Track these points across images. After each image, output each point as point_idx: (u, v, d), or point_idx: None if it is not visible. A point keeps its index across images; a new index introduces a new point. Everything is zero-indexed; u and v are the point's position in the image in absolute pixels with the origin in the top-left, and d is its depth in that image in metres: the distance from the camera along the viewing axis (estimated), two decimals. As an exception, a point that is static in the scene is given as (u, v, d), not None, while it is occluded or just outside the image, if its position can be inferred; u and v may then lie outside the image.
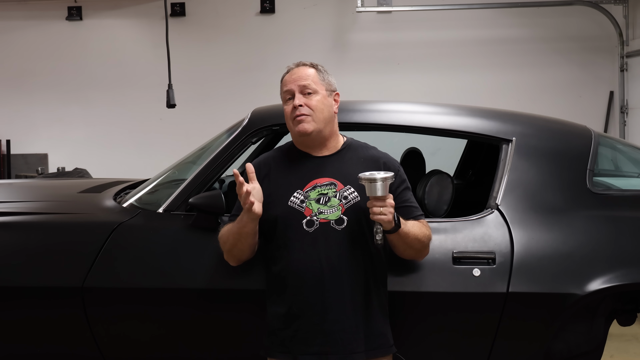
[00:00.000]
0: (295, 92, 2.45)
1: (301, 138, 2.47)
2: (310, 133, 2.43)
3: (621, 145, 3.51)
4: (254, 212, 2.31)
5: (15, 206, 3.17)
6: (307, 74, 2.47)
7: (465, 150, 4.26)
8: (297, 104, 2.42)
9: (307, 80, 2.46)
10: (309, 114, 2.42)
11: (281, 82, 2.52)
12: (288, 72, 2.51)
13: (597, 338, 2.80)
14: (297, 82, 2.46)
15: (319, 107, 2.44)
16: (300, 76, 2.47)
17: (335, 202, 2.40)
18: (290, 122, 2.47)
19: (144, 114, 8.10)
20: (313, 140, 2.47)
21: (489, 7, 7.78)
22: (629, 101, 7.78)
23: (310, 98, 2.44)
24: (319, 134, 2.46)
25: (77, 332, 2.74)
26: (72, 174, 7.02)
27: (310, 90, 2.45)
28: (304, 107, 2.42)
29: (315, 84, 2.46)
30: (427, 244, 2.47)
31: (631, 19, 7.77)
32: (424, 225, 2.46)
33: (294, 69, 2.50)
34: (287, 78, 2.49)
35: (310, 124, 2.42)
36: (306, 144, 2.50)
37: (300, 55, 3.17)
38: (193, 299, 2.68)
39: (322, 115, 2.45)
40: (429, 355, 2.68)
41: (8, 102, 8.28)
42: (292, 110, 2.44)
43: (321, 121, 2.45)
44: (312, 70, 2.49)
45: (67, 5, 8.19)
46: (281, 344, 2.39)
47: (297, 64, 2.53)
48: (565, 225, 2.69)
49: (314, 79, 2.47)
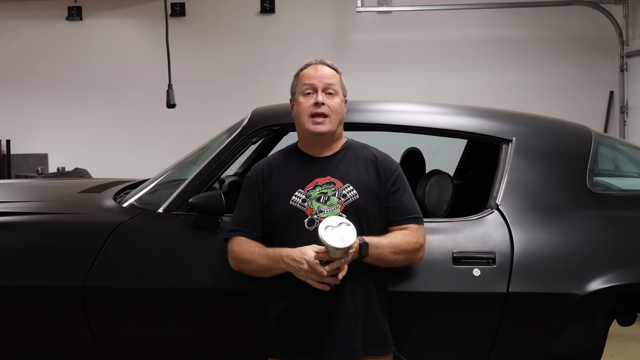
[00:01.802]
0: (318, 88, 2.45)
1: (313, 137, 2.46)
2: (325, 134, 2.44)
3: (621, 145, 3.50)
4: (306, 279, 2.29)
5: (15, 206, 3.17)
6: (332, 74, 2.49)
7: (465, 150, 4.26)
8: (321, 101, 2.42)
9: (332, 79, 2.47)
10: (328, 115, 2.43)
11: (299, 74, 2.51)
12: (310, 67, 2.50)
13: (597, 338, 2.80)
14: (322, 79, 2.46)
15: (337, 110, 2.46)
16: (326, 74, 2.47)
17: (334, 200, 2.40)
18: (305, 117, 2.45)
19: (144, 114, 8.10)
20: (322, 140, 2.47)
21: (489, 7, 7.78)
22: (629, 101, 7.78)
23: (331, 98, 2.45)
24: (330, 135, 2.47)
25: (77, 332, 2.74)
26: (72, 174, 7.02)
27: (332, 91, 2.46)
28: (325, 106, 2.43)
29: (337, 86, 2.48)
30: (417, 249, 2.44)
31: (631, 19, 7.77)
32: (409, 233, 2.44)
33: (317, 65, 2.50)
34: (311, 72, 2.48)
35: (327, 125, 2.44)
36: (312, 144, 2.50)
37: (300, 55, 3.18)
38: (193, 299, 2.68)
39: (337, 117, 2.46)
40: (429, 355, 2.68)
41: (8, 102, 8.28)
42: (311, 106, 2.43)
43: (336, 123, 2.46)
44: (335, 72, 2.50)
45: (67, 5, 8.20)
46: (281, 344, 2.40)
47: (319, 61, 2.52)
48: (565, 225, 2.69)
49: (337, 80, 2.49)
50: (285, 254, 2.31)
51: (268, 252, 2.38)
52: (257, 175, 2.51)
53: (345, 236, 2.21)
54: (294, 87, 2.53)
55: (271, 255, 2.37)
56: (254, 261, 2.41)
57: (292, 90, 2.54)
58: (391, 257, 2.38)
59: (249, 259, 2.42)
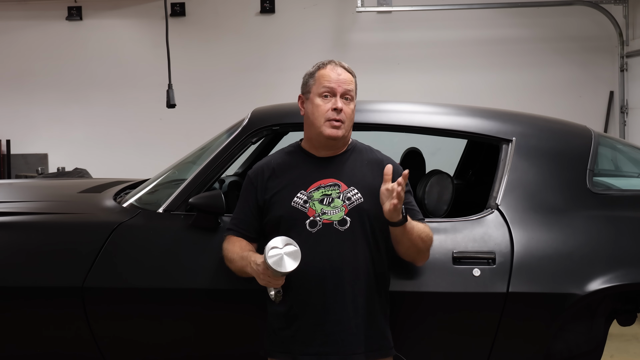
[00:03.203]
0: (337, 93, 2.42)
1: (326, 140, 2.44)
2: (339, 139, 2.44)
3: (621, 145, 3.50)
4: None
5: (15, 206, 3.17)
6: (351, 79, 2.46)
7: (465, 150, 4.26)
8: (340, 107, 2.40)
9: (351, 85, 2.45)
10: (344, 121, 2.42)
11: (316, 74, 2.45)
12: (329, 68, 2.45)
13: (597, 338, 2.80)
14: (342, 85, 2.42)
15: (351, 116, 2.45)
16: (346, 80, 2.44)
17: (338, 203, 2.40)
18: (321, 119, 2.41)
19: (144, 114, 8.09)
20: (334, 144, 2.47)
21: (489, 7, 7.78)
22: (629, 101, 7.78)
23: (348, 104, 2.43)
24: (342, 139, 2.46)
25: (77, 332, 2.74)
26: (72, 174, 7.02)
27: (350, 97, 2.44)
28: (342, 113, 2.41)
29: (354, 92, 2.47)
30: (429, 245, 2.46)
31: (631, 19, 7.76)
32: (427, 227, 2.46)
33: (338, 69, 2.44)
34: (331, 75, 2.43)
35: (342, 131, 2.42)
36: (322, 146, 2.48)
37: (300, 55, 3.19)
38: (193, 299, 2.68)
39: (351, 123, 2.46)
40: (429, 355, 2.68)
41: (8, 102, 8.28)
42: (329, 111, 2.40)
43: (349, 129, 2.46)
44: (353, 78, 2.47)
45: (67, 5, 8.19)
46: (281, 344, 2.40)
47: (338, 63, 2.47)
48: (565, 225, 2.69)
49: (354, 87, 2.47)
50: (253, 259, 2.35)
51: (243, 255, 2.41)
52: (257, 176, 2.51)
53: (288, 260, 2.23)
54: (309, 85, 2.46)
55: (244, 257, 2.40)
56: (234, 261, 2.45)
57: (307, 89, 2.47)
58: (416, 239, 2.38)
59: (231, 259, 2.47)
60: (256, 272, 2.31)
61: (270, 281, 2.29)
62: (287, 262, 2.22)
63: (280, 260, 2.22)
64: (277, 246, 2.23)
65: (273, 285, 2.31)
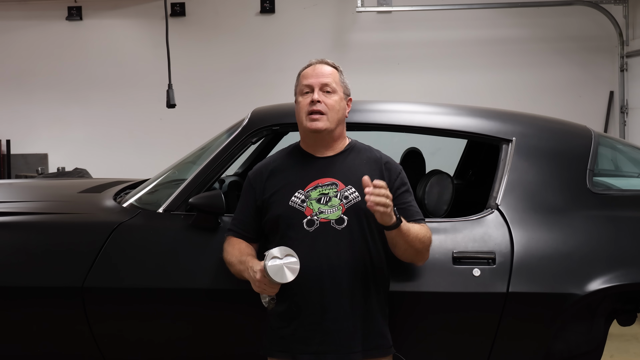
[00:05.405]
0: (315, 87, 2.45)
1: (312, 134, 2.47)
2: (322, 131, 2.44)
3: (621, 145, 3.50)
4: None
5: (15, 206, 3.17)
6: (330, 72, 2.49)
7: (465, 150, 4.26)
8: (316, 98, 2.43)
9: (329, 78, 2.47)
10: (324, 113, 2.43)
11: (299, 75, 2.52)
12: (309, 67, 2.51)
13: (597, 338, 2.80)
14: (319, 78, 2.46)
15: (335, 107, 2.45)
16: (323, 73, 2.48)
17: (336, 202, 2.40)
18: (303, 115, 2.46)
19: (144, 114, 8.10)
20: (322, 139, 2.47)
21: (489, 7, 7.78)
22: (629, 101, 7.78)
23: (328, 97, 2.45)
24: (329, 133, 2.46)
25: (77, 332, 2.74)
26: (72, 174, 7.02)
27: (330, 89, 2.46)
28: (321, 104, 2.43)
29: (336, 84, 2.48)
30: (428, 245, 2.45)
31: (631, 19, 7.77)
32: (424, 227, 2.46)
33: (316, 65, 2.51)
34: (309, 72, 2.49)
35: (324, 122, 2.43)
36: (313, 142, 2.50)
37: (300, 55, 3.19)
38: (193, 299, 2.68)
39: (336, 115, 2.46)
40: (429, 355, 2.68)
41: (8, 102, 8.28)
42: (308, 104, 2.44)
43: (334, 121, 2.46)
44: (334, 70, 2.51)
45: (67, 5, 8.19)
46: (280, 343, 2.40)
47: (319, 60, 2.53)
48: (565, 225, 2.69)
49: (335, 79, 2.49)
50: (250, 265, 2.35)
51: (242, 259, 2.42)
52: (256, 177, 2.53)
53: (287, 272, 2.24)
54: (295, 87, 2.54)
55: (243, 262, 2.41)
56: (233, 265, 2.47)
57: (295, 92, 2.55)
58: (414, 240, 2.37)
59: (230, 262, 2.48)
60: (253, 278, 2.32)
61: (265, 289, 2.30)
62: (286, 273, 2.24)
63: (280, 271, 2.23)
64: (278, 256, 2.24)
65: (268, 293, 2.32)
